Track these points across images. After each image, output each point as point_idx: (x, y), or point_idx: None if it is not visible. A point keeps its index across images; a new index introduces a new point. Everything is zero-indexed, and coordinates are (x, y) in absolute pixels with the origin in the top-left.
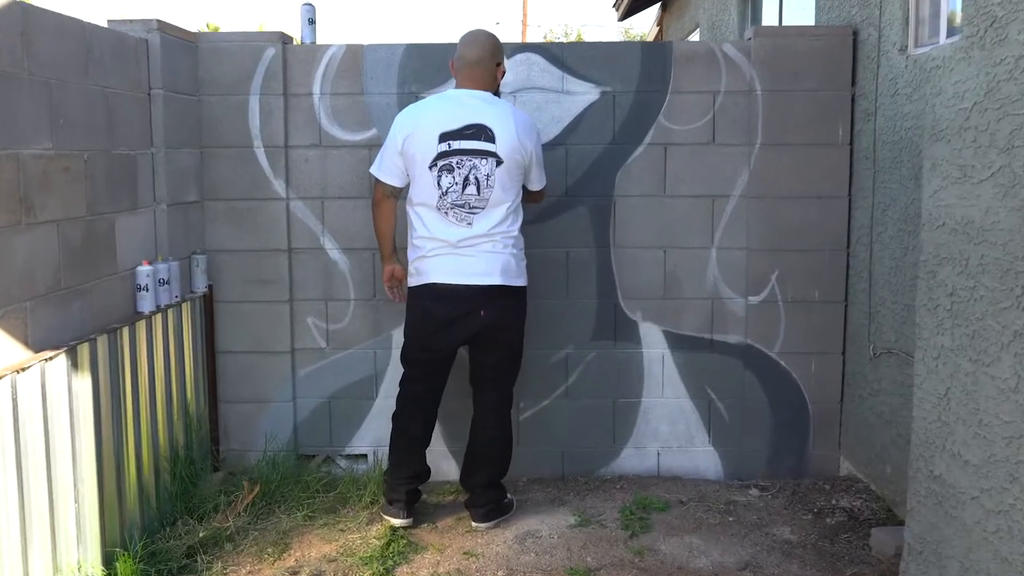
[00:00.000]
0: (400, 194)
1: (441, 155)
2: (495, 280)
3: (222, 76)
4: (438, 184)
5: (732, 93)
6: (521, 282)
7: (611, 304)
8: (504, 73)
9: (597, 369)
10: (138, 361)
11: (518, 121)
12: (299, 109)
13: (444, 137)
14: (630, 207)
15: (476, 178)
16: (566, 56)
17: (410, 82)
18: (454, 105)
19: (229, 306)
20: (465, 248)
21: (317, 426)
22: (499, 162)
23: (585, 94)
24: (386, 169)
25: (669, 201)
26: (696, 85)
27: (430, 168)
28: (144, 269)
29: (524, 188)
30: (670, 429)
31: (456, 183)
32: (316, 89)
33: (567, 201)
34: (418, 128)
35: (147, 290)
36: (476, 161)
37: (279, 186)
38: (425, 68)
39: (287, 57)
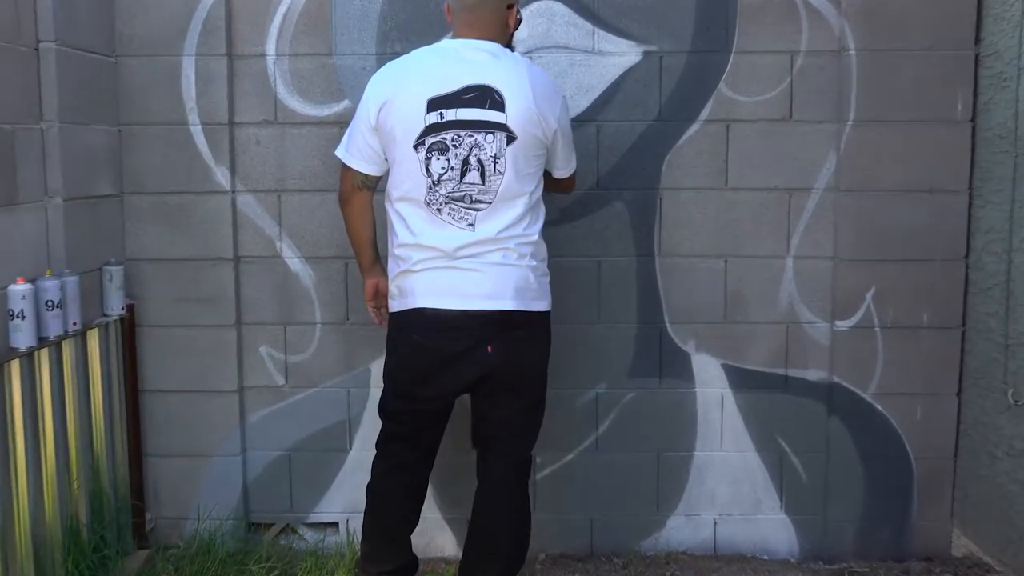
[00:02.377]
0: (377, 185)
1: (431, 129)
2: (507, 304)
3: (146, 31)
4: (426, 170)
5: (816, 54)
6: (543, 306)
7: (655, 330)
8: (519, 20)
9: (637, 414)
10: (9, 415)
11: (537, 82)
12: (248, 75)
13: (435, 104)
14: (681, 203)
15: (480, 161)
16: (598, 5)
17: (394, 39)
18: (449, 60)
19: (157, 332)
20: (465, 260)
21: (273, 486)
22: (511, 138)
23: (623, 55)
24: (356, 151)
25: (732, 196)
26: (768, 43)
27: (415, 148)
28: (18, 289)
29: (546, 174)
30: (731, 492)
31: (452, 168)
32: (270, 48)
33: (599, 195)
34: (399, 92)
35: (22, 318)
36: (479, 137)
37: (222, 175)
38: (414, 21)
39: (232, 6)
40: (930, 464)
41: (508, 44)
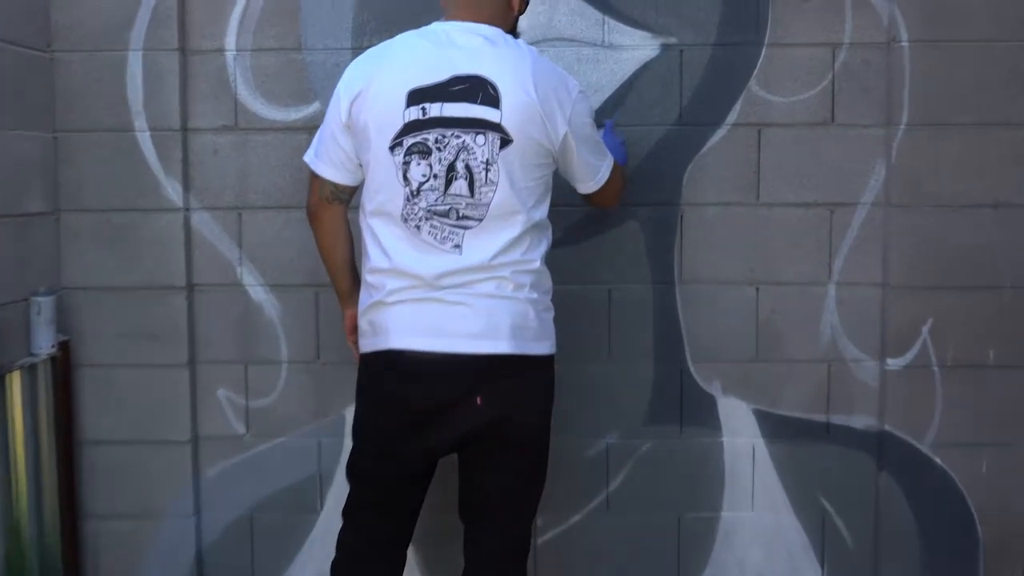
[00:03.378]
0: (352, 197)
1: (411, 127)
2: (501, 346)
3: (87, 21)
4: (404, 177)
5: (862, 47)
6: (545, 348)
7: (676, 369)
8: (526, 1)
9: (654, 467)
10: None
11: (542, 75)
12: (204, 73)
13: (417, 96)
14: (705, 221)
15: (468, 167)
16: None
17: (372, 32)
18: (435, 46)
19: (96, 373)
20: (451, 291)
21: (232, 553)
22: (505, 141)
23: (637, 48)
24: (325, 155)
25: (764, 212)
26: (806, 34)
27: (391, 150)
28: None
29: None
30: (764, 558)
31: (435, 175)
32: (230, 42)
33: (611, 213)
34: (373, 82)
35: None
36: (468, 138)
37: (173, 190)
38: (397, 9)
39: None
40: (999, 527)
41: (512, 30)
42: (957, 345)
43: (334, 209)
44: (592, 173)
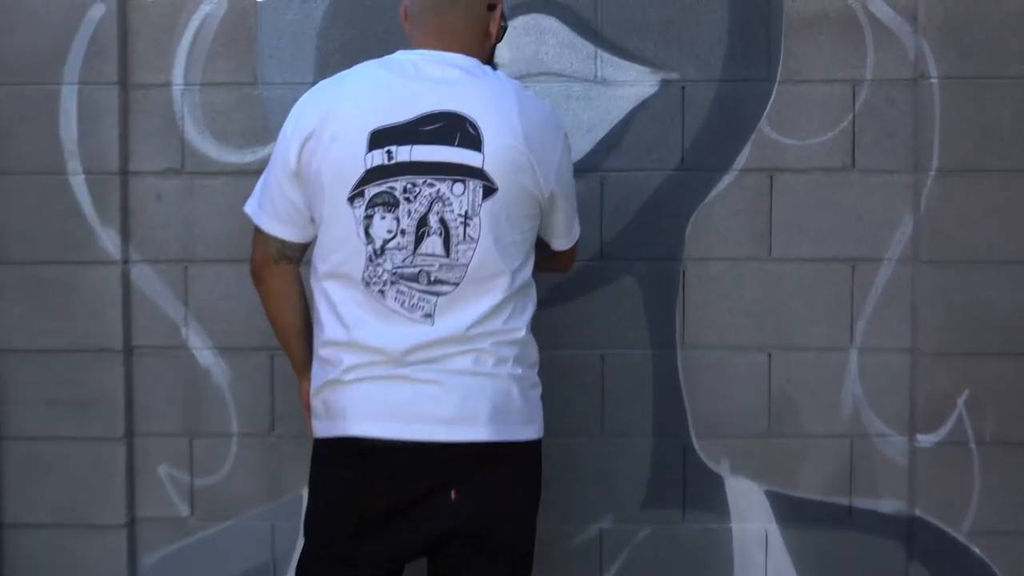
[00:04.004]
0: (303, 254)
1: (374, 174)
2: (480, 432)
3: (14, 51)
4: (366, 233)
5: (886, 83)
6: (531, 432)
7: (677, 446)
8: (504, 27)
9: (653, 557)
10: None
11: (530, 112)
12: (147, 110)
13: (381, 138)
14: (711, 278)
15: (443, 221)
16: (602, 20)
17: (337, 63)
18: (402, 78)
19: (19, 447)
20: (421, 367)
21: None
22: (490, 189)
23: (634, 84)
24: (270, 206)
25: (777, 268)
26: (823, 70)
27: (351, 201)
28: None
29: (538, 245)
30: None
31: (403, 231)
32: (178, 75)
33: (603, 268)
34: (328, 121)
35: None
36: (443, 187)
37: (110, 240)
38: (365, 39)
39: (128, 20)
40: None
41: (488, 60)
42: (997, 419)
43: (282, 269)
44: (569, 228)
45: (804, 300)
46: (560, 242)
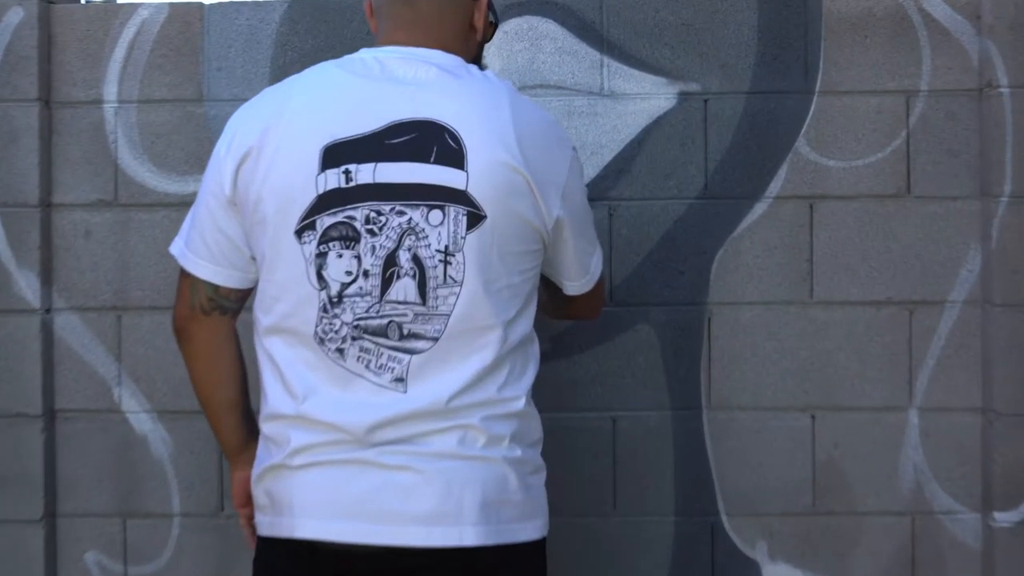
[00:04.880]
0: (241, 305)
1: (328, 201)
2: (467, 534)
3: None
4: (318, 276)
5: (945, 95)
6: (533, 531)
7: (704, 526)
8: (493, 24)
9: None
10: None
11: (526, 121)
12: (74, 132)
13: (336, 155)
14: (741, 326)
15: (417, 259)
16: (608, 23)
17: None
18: (365, 80)
19: None
20: (390, 448)
21: None
22: (476, 217)
23: (647, 98)
24: (200, 244)
25: (821, 314)
26: (870, 79)
27: (299, 235)
28: None
29: (548, 288)
30: None
31: (366, 273)
32: (110, 92)
33: (614, 315)
34: (270, 136)
35: None
36: (417, 215)
37: (28, 285)
38: (328, 48)
39: (51, 27)
40: None
41: (476, 61)
42: None
43: (213, 323)
44: (584, 265)
45: (854, 351)
46: (573, 284)
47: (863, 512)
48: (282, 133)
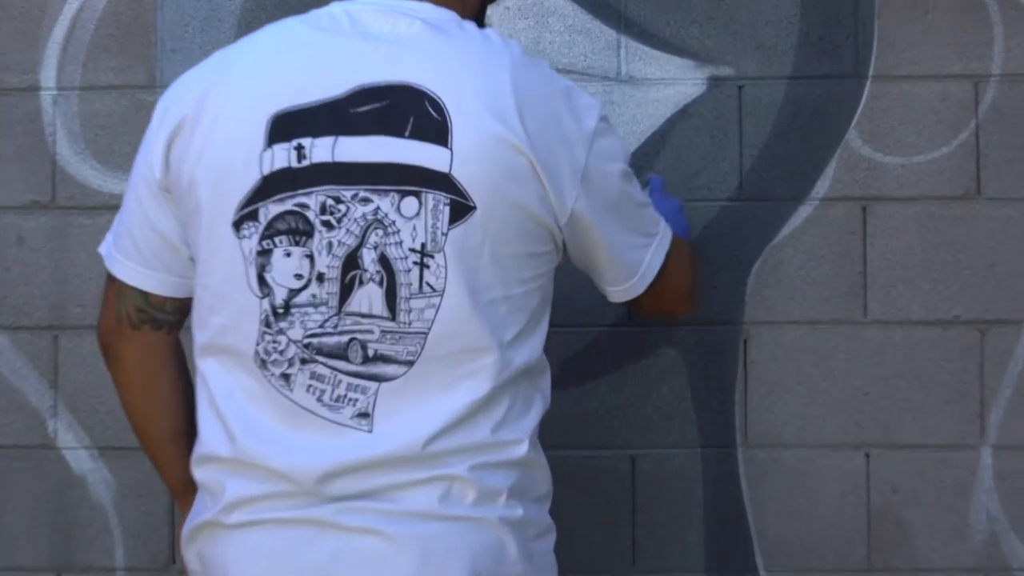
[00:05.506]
0: (181, 318)
1: (274, 184)
2: None
3: None
4: (260, 280)
5: (1020, 80)
6: None
7: None
8: None
9: None
10: None
11: (529, 85)
12: (6, 123)
13: (286, 126)
14: (783, 349)
15: (385, 260)
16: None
17: None
18: (330, 35)
19: None
20: (351, 505)
21: None
22: (462, 208)
23: (672, 83)
24: (128, 241)
25: (878, 334)
26: (933, 62)
27: (237, 228)
28: None
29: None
30: None
31: (321, 276)
32: (47, 78)
33: (634, 335)
34: (209, 101)
35: None
36: (386, 203)
37: None
38: None
39: None
40: None
41: (478, 18)
42: None
43: (145, 339)
44: (633, 264)
45: (916, 379)
46: (617, 291)
47: (927, 569)
48: (224, 99)
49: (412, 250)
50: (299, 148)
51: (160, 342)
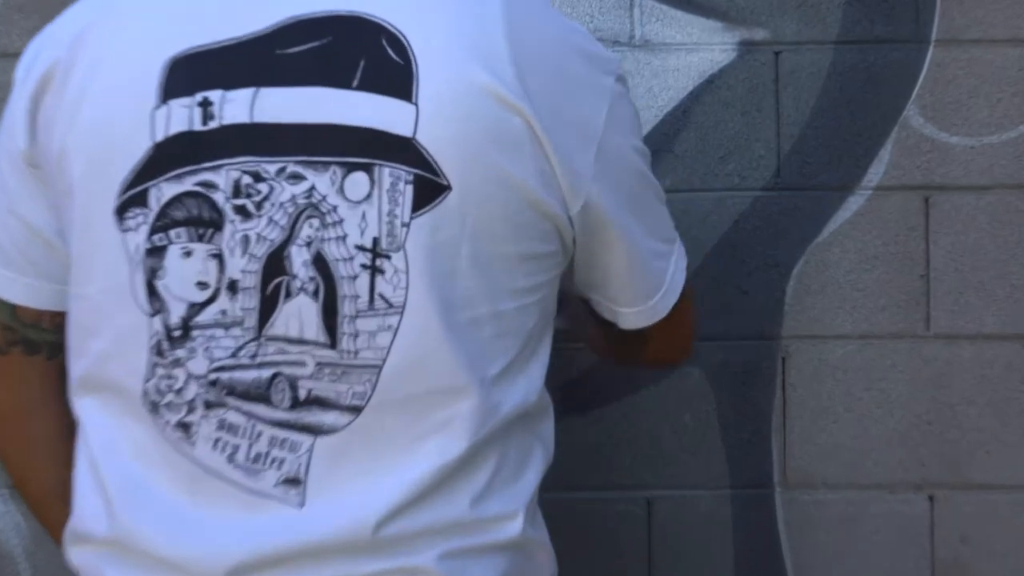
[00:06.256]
0: (57, 336)
1: (169, 153)
2: None
3: None
4: (148, 291)
5: None
6: None
7: None
8: None
9: None
10: None
11: (525, 25)
12: None
13: (188, 72)
14: (829, 370)
15: (323, 263)
16: None
17: None
18: None
19: None
20: None
21: None
22: (432, 186)
23: (695, 49)
24: None
25: (942, 352)
26: (1007, 23)
27: (120, 215)
28: None
29: (590, 311)
30: None
31: (233, 285)
32: None
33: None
34: (85, 43)
35: None
36: (323, 182)
37: None
38: None
39: None
40: None
41: None
42: None
43: (12, 368)
44: (654, 278)
45: (989, 406)
46: (632, 313)
47: None
48: (106, 39)
49: (360, 248)
50: (205, 104)
51: (36, 370)
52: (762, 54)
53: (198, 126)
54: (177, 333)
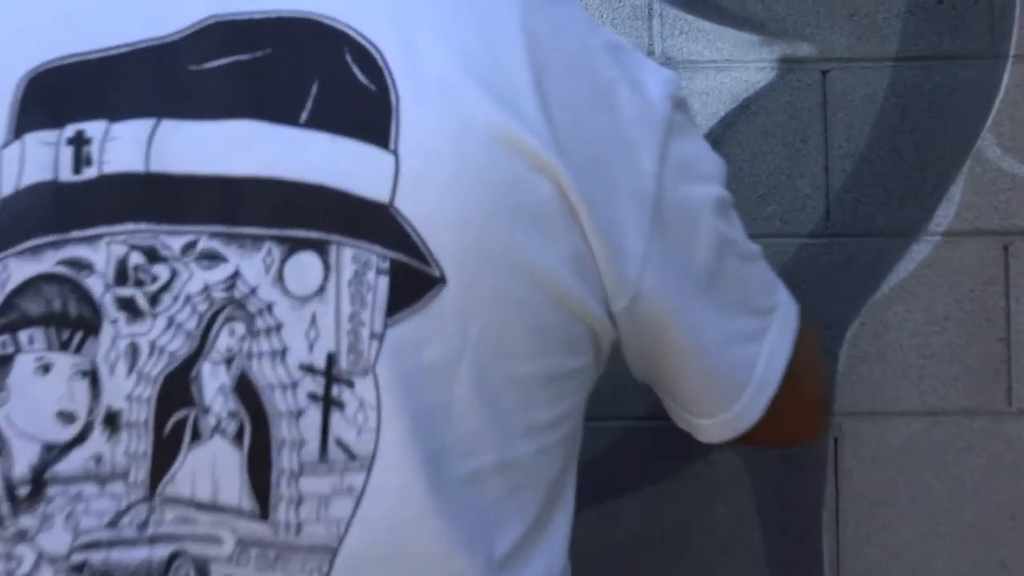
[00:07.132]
0: None
1: (19, 213)
2: None
3: None
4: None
5: None
6: None
7: None
8: None
9: None
10: None
11: (552, 37)
12: None
13: (53, 95)
14: (892, 452)
15: (249, 389)
16: None
17: None
18: None
19: None
20: None
21: None
22: (422, 278)
23: (728, 68)
24: None
25: None
26: None
27: None
28: None
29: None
30: None
31: (115, 417)
32: None
33: (678, 431)
34: None
35: None
36: (251, 265)
37: None
38: None
39: None
40: None
41: None
42: None
43: None
44: (738, 375)
45: None
46: (710, 425)
47: None
48: None
49: (308, 370)
50: (78, 141)
51: None
52: (807, 73)
53: (67, 175)
54: (23, 491)
